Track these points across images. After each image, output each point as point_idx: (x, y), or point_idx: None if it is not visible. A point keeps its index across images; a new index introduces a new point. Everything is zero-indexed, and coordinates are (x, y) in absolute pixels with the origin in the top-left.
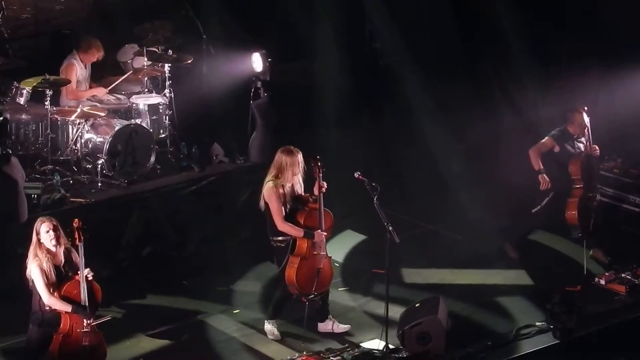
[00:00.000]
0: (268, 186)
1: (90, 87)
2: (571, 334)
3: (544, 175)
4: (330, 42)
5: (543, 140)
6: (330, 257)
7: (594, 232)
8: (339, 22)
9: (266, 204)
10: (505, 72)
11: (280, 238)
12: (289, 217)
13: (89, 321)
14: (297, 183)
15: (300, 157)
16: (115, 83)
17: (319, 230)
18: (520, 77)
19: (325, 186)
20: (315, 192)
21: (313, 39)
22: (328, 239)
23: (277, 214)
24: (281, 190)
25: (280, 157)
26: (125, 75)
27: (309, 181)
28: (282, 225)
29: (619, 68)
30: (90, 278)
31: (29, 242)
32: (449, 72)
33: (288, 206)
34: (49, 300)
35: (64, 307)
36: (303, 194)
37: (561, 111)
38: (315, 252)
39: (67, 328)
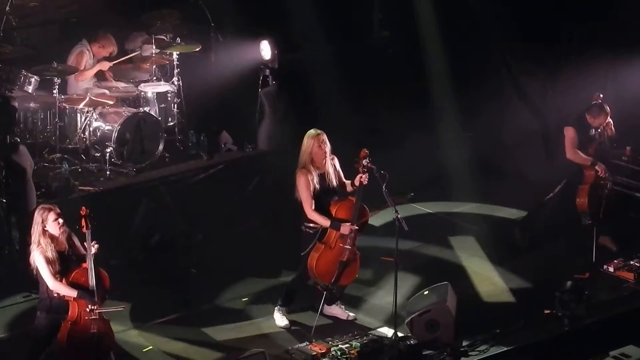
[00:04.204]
0: (298, 174)
1: None
2: (580, 322)
3: (599, 163)
4: (339, 30)
5: (568, 135)
6: (359, 253)
7: (605, 219)
8: (348, 11)
9: (298, 191)
10: (514, 61)
11: (311, 225)
12: (323, 206)
13: (94, 307)
14: (331, 168)
15: (323, 137)
16: (120, 60)
17: (348, 224)
18: (529, 65)
19: (366, 180)
20: (356, 183)
21: (321, 27)
22: (359, 235)
23: (306, 201)
24: (310, 177)
25: (304, 140)
26: (130, 56)
27: (353, 172)
28: (310, 214)
29: (628, 56)
30: (94, 251)
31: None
32: (457, 62)
33: (320, 194)
34: (54, 285)
35: (70, 293)
36: (341, 180)
37: (580, 99)
38: (341, 244)
39: (75, 315)
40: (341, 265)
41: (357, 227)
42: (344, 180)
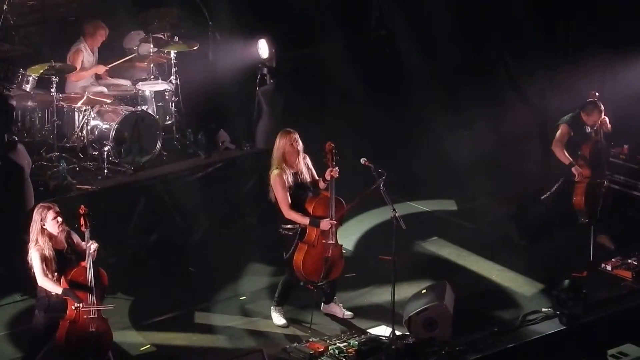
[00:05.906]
0: (272, 174)
1: None
2: (577, 320)
3: (577, 166)
4: (336, 29)
5: (560, 131)
6: (341, 245)
7: (602, 218)
8: (345, 9)
9: (273, 193)
10: (512, 59)
11: (288, 226)
12: (298, 204)
13: (79, 305)
14: (304, 167)
15: (295, 136)
16: (117, 63)
17: (327, 219)
18: (527, 63)
19: (337, 173)
20: (326, 177)
21: (319, 26)
22: (338, 227)
23: (283, 201)
24: (285, 177)
25: (276, 140)
26: (127, 58)
27: (323, 167)
28: (289, 213)
29: (625, 54)
30: (93, 250)
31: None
32: (455, 59)
33: (295, 192)
34: (42, 281)
35: (55, 289)
36: (314, 178)
37: (578, 97)
38: (324, 241)
39: (73, 314)
40: (327, 261)
41: (334, 222)
42: (317, 177)
